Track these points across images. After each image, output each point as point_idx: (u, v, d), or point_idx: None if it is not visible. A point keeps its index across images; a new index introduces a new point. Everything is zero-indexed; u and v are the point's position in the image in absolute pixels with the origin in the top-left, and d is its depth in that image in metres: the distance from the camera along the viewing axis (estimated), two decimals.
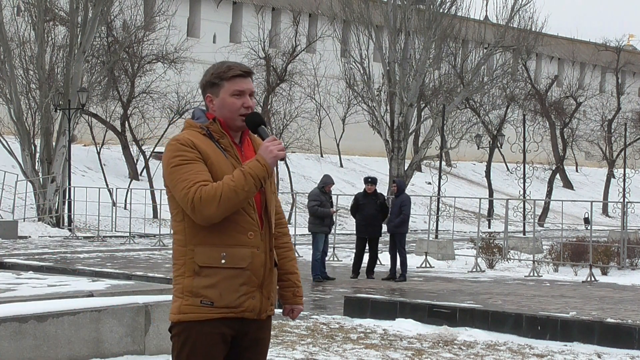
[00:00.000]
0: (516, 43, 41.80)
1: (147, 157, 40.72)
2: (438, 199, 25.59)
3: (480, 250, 21.79)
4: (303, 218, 29.11)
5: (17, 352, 7.42)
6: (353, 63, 39.86)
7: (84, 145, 45.19)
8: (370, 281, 18.00)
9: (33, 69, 34.94)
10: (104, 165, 41.92)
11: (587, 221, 29.43)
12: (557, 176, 54.54)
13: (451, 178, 43.45)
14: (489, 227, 40.60)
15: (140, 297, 8.58)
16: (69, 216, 32.97)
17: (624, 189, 22.99)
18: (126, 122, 40.82)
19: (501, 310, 11.82)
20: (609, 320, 11.04)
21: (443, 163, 30.69)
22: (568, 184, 63.24)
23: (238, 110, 4.10)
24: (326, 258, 18.69)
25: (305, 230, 21.57)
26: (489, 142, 49.52)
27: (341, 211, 29.96)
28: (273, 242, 4.14)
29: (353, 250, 19.93)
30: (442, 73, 42.90)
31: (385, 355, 9.40)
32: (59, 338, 7.70)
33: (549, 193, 46.69)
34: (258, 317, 4.07)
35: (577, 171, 68.52)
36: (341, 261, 22.65)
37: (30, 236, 29.76)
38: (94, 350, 7.94)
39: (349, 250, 23.69)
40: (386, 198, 19.66)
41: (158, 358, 8.22)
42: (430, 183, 46.41)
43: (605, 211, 53.95)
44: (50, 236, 30.62)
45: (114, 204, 34.08)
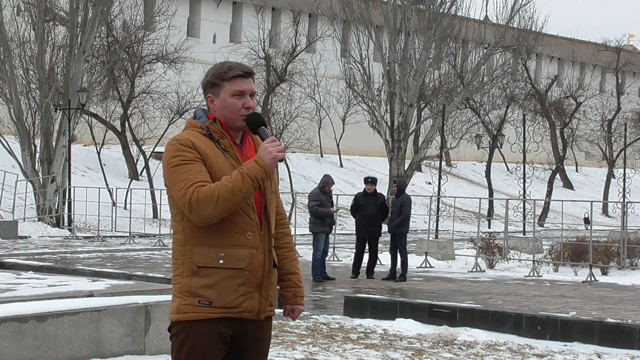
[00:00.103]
0: (516, 43, 41.80)
1: (147, 157, 40.71)
2: (438, 199, 25.58)
3: (480, 250, 21.79)
4: (303, 218, 29.12)
5: (17, 352, 7.42)
6: (353, 63, 39.86)
7: (84, 145, 45.19)
8: (370, 281, 18.00)
9: (33, 69, 34.93)
10: (104, 165, 41.91)
11: (587, 221, 29.43)
12: (557, 176, 54.54)
13: (451, 178, 43.44)
14: (489, 227, 40.58)
15: (140, 297, 8.58)
16: (69, 216, 32.97)
17: (624, 189, 22.97)
18: (126, 122, 40.82)
19: (501, 310, 11.82)
20: (609, 320, 11.04)
21: (443, 163, 30.68)
22: (568, 184, 63.23)
23: (238, 110, 4.09)
24: (326, 258, 18.70)
25: (305, 230, 21.59)
26: (489, 142, 49.51)
27: (341, 211, 29.94)
28: (272, 243, 4.14)
29: (353, 250, 19.93)
30: (442, 73, 42.91)
31: (385, 355, 9.40)
32: (59, 338, 7.70)
33: (549, 193, 46.68)
34: (257, 318, 4.07)
35: (577, 171, 68.51)
36: (341, 261, 22.65)
37: (30, 236, 29.75)
38: (94, 350, 7.94)
39: (349, 250, 23.68)
40: (386, 198, 19.66)
41: (158, 358, 8.22)
42: (430, 183, 46.40)
43: (605, 211, 53.94)
44: (50, 236, 30.61)
45: (114, 204, 34.08)
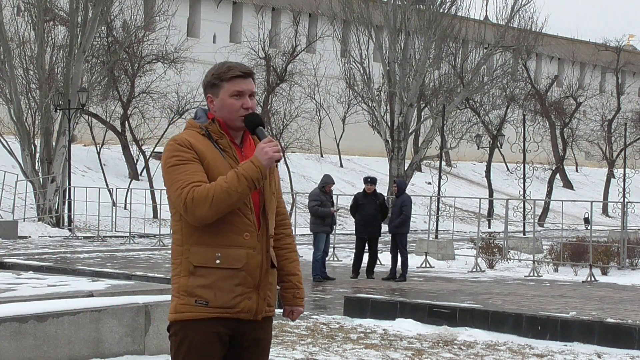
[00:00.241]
0: (516, 43, 41.84)
1: (147, 157, 40.72)
2: (438, 199, 25.58)
3: (480, 250, 21.79)
4: (303, 218, 29.13)
5: (17, 352, 7.42)
6: (353, 63, 39.89)
7: (84, 145, 45.19)
8: (370, 281, 18.00)
9: (33, 69, 34.93)
10: (104, 165, 41.91)
11: (587, 221, 29.43)
12: (557, 176, 54.54)
13: (451, 178, 43.44)
14: (489, 227, 40.58)
15: (140, 297, 8.58)
16: (69, 216, 32.97)
17: (624, 189, 22.97)
18: (126, 122, 40.81)
19: (501, 310, 11.82)
20: (609, 320, 11.03)
21: (443, 163, 30.68)
22: (568, 184, 63.23)
23: (237, 111, 4.08)
24: (326, 258, 18.70)
25: (305, 230, 21.60)
26: (489, 142, 49.51)
27: (341, 211, 29.94)
28: (271, 243, 4.13)
29: (353, 250, 19.93)
30: (442, 73, 42.93)
31: (385, 355, 9.40)
32: (59, 338, 7.70)
33: (549, 193, 46.69)
34: (254, 318, 4.06)
35: (577, 171, 68.51)
36: (341, 261, 22.65)
37: (30, 236, 29.75)
38: (94, 350, 7.94)
39: (349, 250, 23.68)
40: (386, 198, 19.66)
41: (158, 358, 8.22)
42: (430, 183, 46.40)
43: (605, 211, 53.95)
44: (50, 236, 30.61)
45: (114, 204, 34.08)
